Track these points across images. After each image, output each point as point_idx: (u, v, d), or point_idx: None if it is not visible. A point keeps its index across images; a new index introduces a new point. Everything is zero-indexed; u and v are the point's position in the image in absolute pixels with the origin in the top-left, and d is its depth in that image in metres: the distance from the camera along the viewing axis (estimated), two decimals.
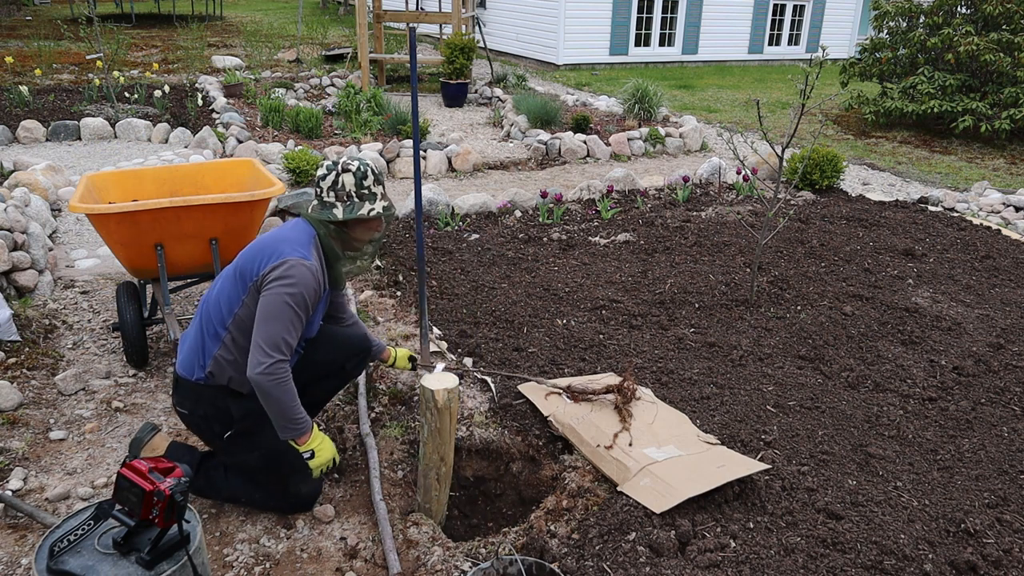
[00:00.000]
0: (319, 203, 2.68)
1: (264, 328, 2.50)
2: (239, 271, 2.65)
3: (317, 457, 2.64)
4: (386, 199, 2.74)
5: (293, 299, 2.52)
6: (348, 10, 21.52)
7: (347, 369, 3.08)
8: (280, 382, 2.50)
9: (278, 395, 2.51)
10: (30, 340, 3.89)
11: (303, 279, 2.53)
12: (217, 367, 2.67)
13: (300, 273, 2.53)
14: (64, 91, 9.51)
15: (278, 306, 2.50)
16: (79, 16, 16.58)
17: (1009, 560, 2.55)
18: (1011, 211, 6.79)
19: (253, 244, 2.70)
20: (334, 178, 2.65)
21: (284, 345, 2.51)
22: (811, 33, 17.39)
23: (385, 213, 2.71)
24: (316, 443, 2.64)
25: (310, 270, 2.56)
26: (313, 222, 2.69)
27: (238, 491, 2.80)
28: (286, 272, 2.53)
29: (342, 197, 2.65)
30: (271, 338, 2.49)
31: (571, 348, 3.97)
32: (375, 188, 2.69)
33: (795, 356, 4.00)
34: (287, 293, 2.51)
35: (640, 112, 9.38)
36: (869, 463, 3.08)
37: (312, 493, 2.80)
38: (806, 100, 4.15)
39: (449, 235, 5.65)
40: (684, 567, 2.41)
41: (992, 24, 10.02)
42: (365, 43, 10.69)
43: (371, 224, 2.74)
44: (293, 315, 2.52)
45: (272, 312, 2.50)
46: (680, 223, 5.99)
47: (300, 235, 2.66)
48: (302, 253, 2.59)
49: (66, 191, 6.03)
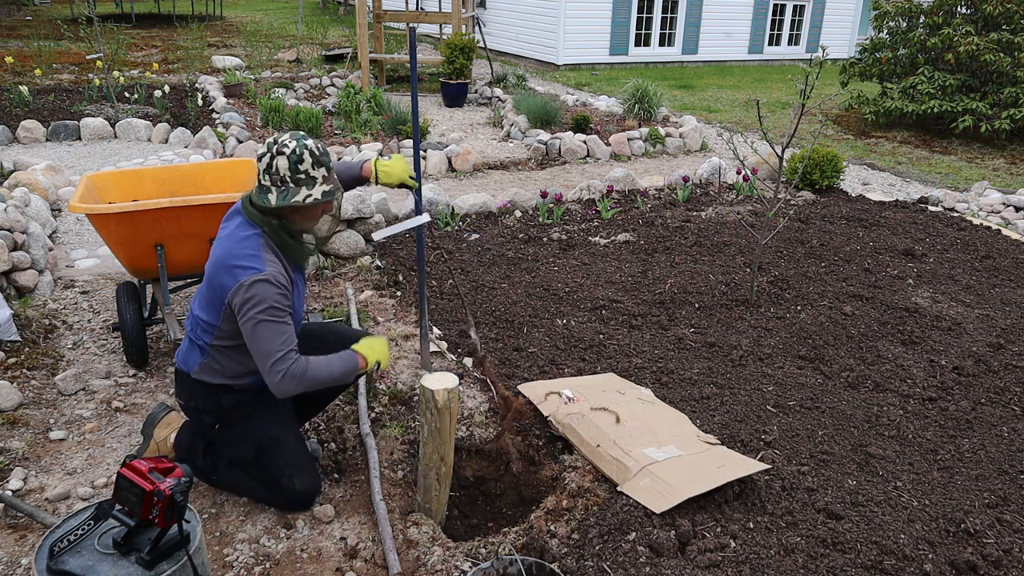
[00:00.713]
0: (257, 187, 2.54)
1: (258, 351, 2.49)
2: (211, 288, 2.58)
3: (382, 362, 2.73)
4: (329, 182, 2.54)
5: (267, 315, 2.47)
6: (348, 10, 21.52)
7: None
8: (302, 376, 2.52)
9: (310, 382, 2.54)
10: (30, 340, 3.89)
11: (266, 294, 2.46)
12: (204, 372, 2.71)
13: (261, 291, 2.46)
14: (64, 91, 9.51)
15: (259, 329, 2.47)
16: (79, 16, 16.58)
17: (1009, 560, 2.55)
18: (1011, 211, 6.79)
19: (213, 254, 2.59)
20: (268, 160, 2.48)
21: (281, 352, 2.49)
22: (811, 33, 17.39)
23: (323, 200, 2.51)
24: (372, 356, 2.69)
25: (268, 280, 2.47)
26: (254, 217, 2.55)
27: (238, 481, 2.83)
28: (247, 297, 2.46)
29: (276, 182, 2.49)
30: (269, 354, 2.48)
31: (571, 348, 3.97)
32: (314, 171, 2.49)
33: (795, 356, 4.00)
34: (258, 315, 2.46)
35: (640, 112, 9.38)
36: (869, 463, 3.08)
37: (307, 489, 2.77)
38: (806, 100, 4.15)
39: (449, 235, 5.64)
40: (684, 567, 2.41)
41: (992, 24, 10.02)
42: (365, 43, 10.69)
43: (308, 212, 2.58)
44: (274, 326, 2.49)
45: (257, 336, 2.48)
46: (680, 223, 5.99)
47: (247, 243, 2.53)
48: (254, 267, 2.48)
49: (66, 191, 6.03)
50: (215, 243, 2.64)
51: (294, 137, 2.51)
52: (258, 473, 2.76)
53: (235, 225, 2.60)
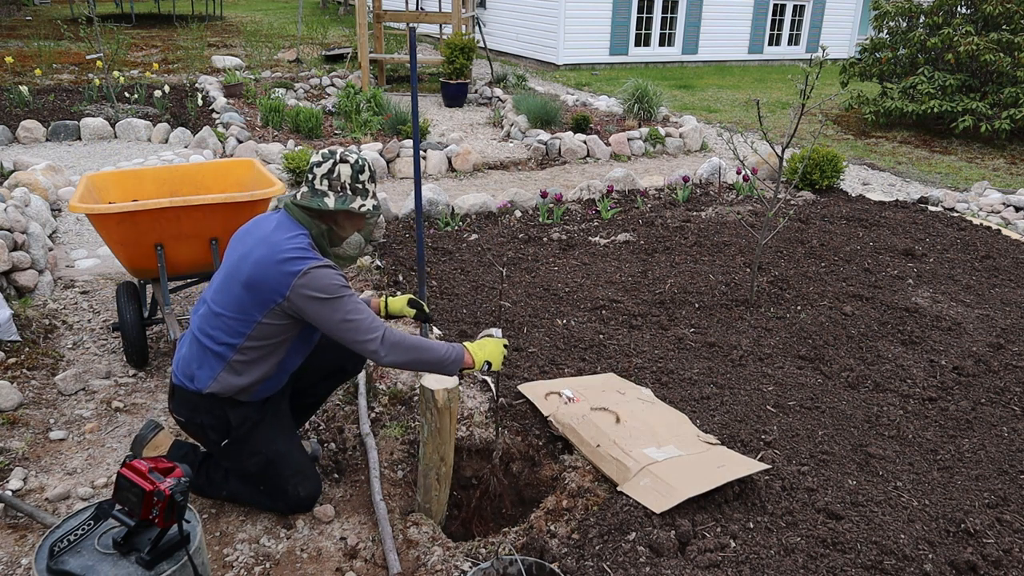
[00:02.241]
0: (309, 190, 2.59)
1: (348, 325, 2.48)
2: (251, 288, 2.50)
3: (494, 363, 2.65)
4: (377, 198, 2.70)
5: (340, 293, 2.48)
6: (348, 10, 21.52)
7: (347, 369, 3.08)
8: (400, 346, 2.52)
9: (409, 357, 2.53)
10: (30, 340, 3.89)
11: (328, 276, 2.48)
12: (221, 385, 2.60)
13: (323, 275, 2.48)
14: (64, 91, 9.51)
15: (337, 308, 2.47)
16: (79, 16, 16.58)
17: (1009, 560, 2.55)
18: (1011, 211, 6.79)
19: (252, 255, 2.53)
20: (330, 166, 2.58)
21: (370, 319, 2.50)
22: (811, 33, 17.39)
23: (374, 213, 2.67)
24: (483, 354, 2.64)
25: (327, 266, 2.52)
26: (301, 219, 2.58)
27: (237, 492, 2.80)
28: (313, 285, 2.46)
29: (336, 187, 2.59)
30: (360, 327, 2.48)
31: (571, 348, 3.97)
32: (369, 185, 2.65)
33: (795, 356, 4.00)
34: (333, 296, 2.47)
35: (640, 112, 9.38)
36: (869, 463, 3.08)
37: (311, 494, 2.79)
38: (806, 100, 4.15)
39: (449, 235, 5.64)
40: (684, 567, 2.41)
41: (992, 24, 10.02)
42: (365, 43, 10.69)
43: (356, 220, 2.69)
44: (351, 300, 2.51)
45: (337, 314, 2.47)
46: (680, 223, 5.98)
47: (295, 240, 2.54)
48: (309, 258, 2.50)
49: (66, 191, 6.03)
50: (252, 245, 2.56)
51: (352, 151, 2.66)
52: (261, 483, 2.75)
53: (273, 227, 2.58)
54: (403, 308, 3.08)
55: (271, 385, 2.72)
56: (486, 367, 2.65)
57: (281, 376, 2.73)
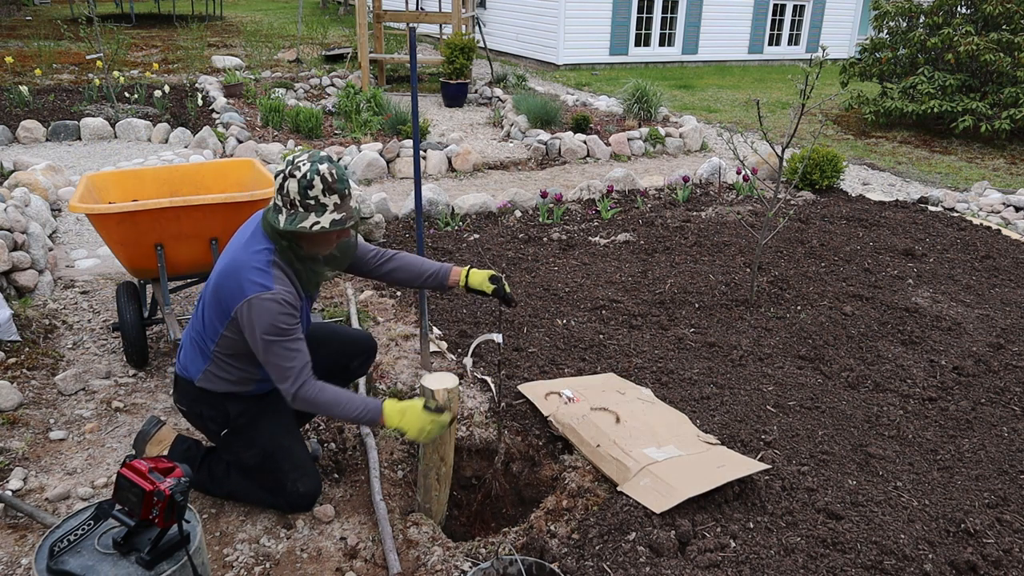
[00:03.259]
0: (272, 205, 2.45)
1: (269, 366, 2.47)
2: (216, 296, 2.52)
3: (408, 432, 2.49)
4: (342, 210, 2.40)
5: (272, 334, 2.41)
6: (348, 10, 21.52)
7: (352, 368, 3.08)
8: (315, 397, 2.48)
9: (322, 406, 2.51)
10: (30, 340, 3.89)
11: (272, 315, 2.39)
12: (209, 380, 2.68)
13: (265, 309, 2.39)
14: (64, 91, 9.51)
15: (265, 348, 2.43)
16: (79, 16, 16.57)
17: (1009, 560, 2.55)
18: (1011, 211, 6.79)
19: (224, 259, 2.54)
20: (280, 181, 2.38)
21: (296, 372, 2.45)
22: (811, 33, 17.39)
23: (332, 228, 2.38)
24: (398, 421, 2.49)
25: (274, 300, 2.39)
26: (268, 231, 2.48)
27: (238, 488, 2.81)
28: (252, 316, 2.40)
29: (286, 204, 2.39)
30: (279, 374, 2.46)
31: (571, 348, 3.97)
32: (324, 198, 2.36)
33: (795, 356, 4.00)
34: (264, 336, 2.41)
35: (640, 112, 9.38)
36: (869, 463, 3.08)
37: (310, 492, 2.77)
38: (806, 100, 4.15)
39: (449, 235, 5.65)
40: (684, 567, 2.41)
41: (992, 24, 10.02)
42: (365, 43, 10.69)
43: (317, 238, 2.46)
44: (280, 345, 2.42)
45: (264, 353, 2.45)
46: (680, 223, 5.98)
47: (258, 256, 2.46)
48: (261, 284, 2.41)
49: (66, 191, 6.03)
50: (228, 246, 2.59)
51: (311, 159, 2.38)
52: (261, 478, 2.75)
53: (250, 234, 2.53)
54: (483, 283, 2.85)
55: (264, 385, 2.73)
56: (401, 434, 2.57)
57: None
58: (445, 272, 2.90)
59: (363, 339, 3.13)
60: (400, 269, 2.91)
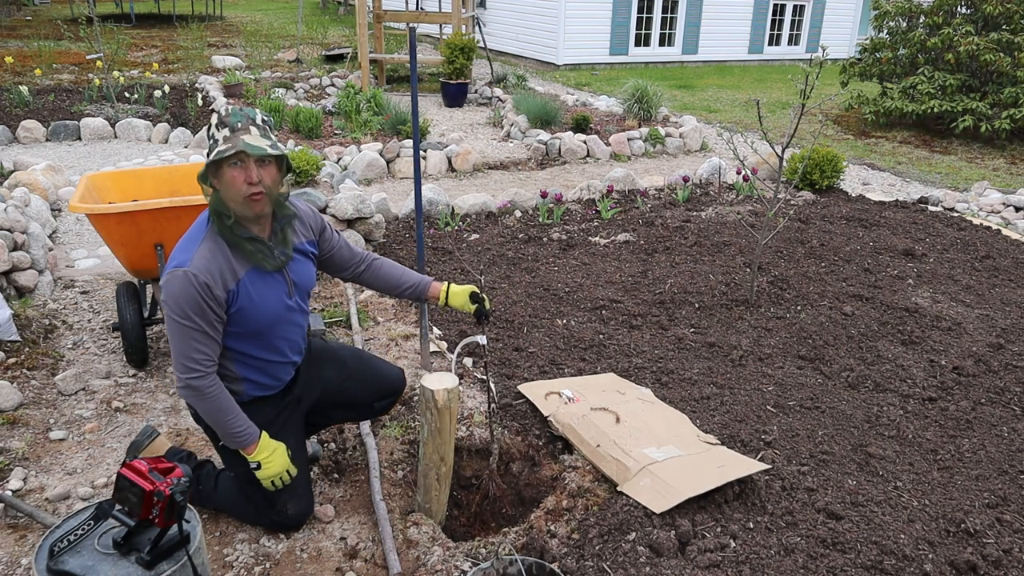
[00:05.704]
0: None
1: (172, 348, 2.40)
2: None
3: (264, 469, 2.50)
4: (229, 141, 2.28)
5: (175, 314, 2.33)
6: (348, 10, 21.52)
7: (375, 408, 2.98)
8: (203, 396, 2.40)
9: (205, 408, 2.43)
10: (30, 340, 3.89)
11: (175, 292, 2.31)
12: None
13: (173, 287, 2.32)
14: (64, 91, 9.51)
15: (169, 327, 2.38)
16: (79, 16, 16.59)
17: (1009, 560, 2.55)
18: (1011, 211, 6.79)
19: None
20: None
21: (193, 362, 2.37)
22: (811, 33, 17.39)
23: (217, 157, 2.27)
24: (264, 454, 2.50)
25: (186, 277, 2.30)
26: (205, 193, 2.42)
27: (226, 502, 2.74)
28: (164, 290, 2.35)
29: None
30: (177, 358, 2.39)
31: (571, 348, 3.97)
32: (218, 133, 2.33)
33: (795, 356, 4.00)
34: (168, 313, 2.35)
35: (640, 112, 9.38)
36: (869, 463, 3.08)
37: (300, 513, 2.69)
38: (806, 100, 4.15)
39: (449, 235, 5.65)
40: (684, 567, 2.41)
41: (992, 24, 10.02)
42: (365, 43, 10.69)
43: (223, 174, 2.32)
44: (184, 330, 2.34)
45: (170, 333, 2.39)
46: (680, 223, 5.98)
47: (195, 228, 2.42)
48: (180, 259, 2.34)
49: (66, 191, 6.03)
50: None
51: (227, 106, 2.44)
52: (252, 492, 2.65)
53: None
54: (464, 304, 2.82)
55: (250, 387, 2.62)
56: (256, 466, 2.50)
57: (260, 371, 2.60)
58: (424, 286, 2.86)
59: (394, 378, 2.97)
60: (376, 276, 2.87)
